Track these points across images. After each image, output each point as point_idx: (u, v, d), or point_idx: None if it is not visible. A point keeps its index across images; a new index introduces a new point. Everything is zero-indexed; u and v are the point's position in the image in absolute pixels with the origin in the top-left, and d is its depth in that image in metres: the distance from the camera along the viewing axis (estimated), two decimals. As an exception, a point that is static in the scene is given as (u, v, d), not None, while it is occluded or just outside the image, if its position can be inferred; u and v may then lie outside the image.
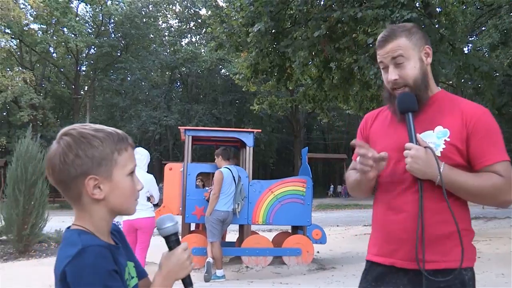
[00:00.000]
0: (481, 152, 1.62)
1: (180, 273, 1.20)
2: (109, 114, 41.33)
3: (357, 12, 8.67)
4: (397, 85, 1.72)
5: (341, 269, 7.04)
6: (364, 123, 1.95)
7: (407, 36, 1.73)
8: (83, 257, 1.03)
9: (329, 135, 49.53)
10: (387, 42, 1.73)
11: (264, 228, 11.75)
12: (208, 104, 38.41)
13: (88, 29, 33.83)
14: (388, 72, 1.74)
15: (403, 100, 1.69)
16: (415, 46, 1.73)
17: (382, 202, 1.77)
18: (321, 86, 12.36)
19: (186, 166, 7.11)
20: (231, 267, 6.98)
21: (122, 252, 1.19)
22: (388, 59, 1.72)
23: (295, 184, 7.28)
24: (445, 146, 1.64)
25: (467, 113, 1.66)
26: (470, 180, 1.59)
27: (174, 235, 1.22)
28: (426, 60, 1.75)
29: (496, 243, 8.73)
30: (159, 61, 37.65)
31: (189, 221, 7.12)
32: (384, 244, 1.73)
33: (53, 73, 38.61)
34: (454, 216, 1.58)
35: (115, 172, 1.14)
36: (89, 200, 1.13)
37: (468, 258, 1.64)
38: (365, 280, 1.80)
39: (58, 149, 1.11)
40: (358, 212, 22.33)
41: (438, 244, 1.62)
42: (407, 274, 1.66)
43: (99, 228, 1.15)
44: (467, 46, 19.12)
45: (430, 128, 1.68)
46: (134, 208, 1.21)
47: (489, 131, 1.64)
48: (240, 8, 10.92)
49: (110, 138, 1.14)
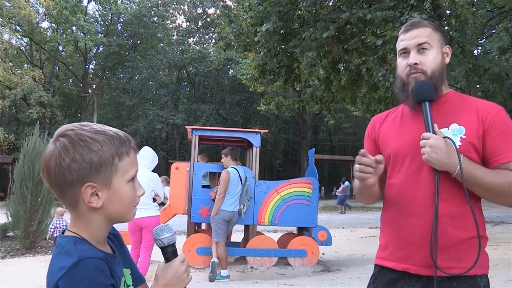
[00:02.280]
0: (497, 150, 1.59)
1: (178, 285, 1.15)
2: (116, 113, 41.49)
3: (366, 13, 8.64)
4: (416, 69, 1.68)
5: (346, 272, 7.00)
6: (372, 126, 1.91)
7: (434, 29, 1.73)
8: (79, 270, 0.97)
9: (336, 137, 49.40)
10: (415, 27, 1.72)
11: (270, 229, 11.72)
12: (215, 104, 38.42)
13: (97, 28, 33.94)
14: (407, 57, 1.71)
15: (421, 88, 1.65)
16: (439, 40, 1.73)
17: (395, 204, 1.71)
18: (329, 87, 12.32)
19: (192, 165, 7.11)
20: (236, 267, 6.97)
21: (119, 261, 1.14)
22: (413, 44, 1.70)
23: (301, 185, 7.25)
24: (461, 143, 1.60)
25: (482, 111, 1.63)
26: (488, 176, 1.55)
27: (171, 246, 1.18)
28: (446, 57, 1.75)
29: (504, 248, 8.64)
30: (167, 60, 37.71)
31: (194, 220, 7.12)
32: (397, 249, 1.68)
33: (61, 71, 38.80)
34: (476, 222, 1.54)
35: (115, 179, 1.06)
36: (85, 207, 1.06)
37: (484, 265, 1.61)
38: (374, 285, 1.75)
39: (54, 151, 1.04)
40: (364, 214, 22.22)
41: (455, 250, 1.57)
42: (420, 280, 1.61)
43: (96, 237, 1.09)
44: (477, 49, 18.97)
45: (445, 126, 1.64)
46: (133, 215, 1.15)
47: (506, 129, 1.61)
48: (249, 8, 10.91)
49: (110, 142, 1.06)
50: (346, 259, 8.27)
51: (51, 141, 1.07)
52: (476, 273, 1.57)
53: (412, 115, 1.72)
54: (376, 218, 17.95)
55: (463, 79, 11.48)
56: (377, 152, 1.81)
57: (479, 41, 18.04)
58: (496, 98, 9.58)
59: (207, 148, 23.29)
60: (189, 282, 1.17)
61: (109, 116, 41.90)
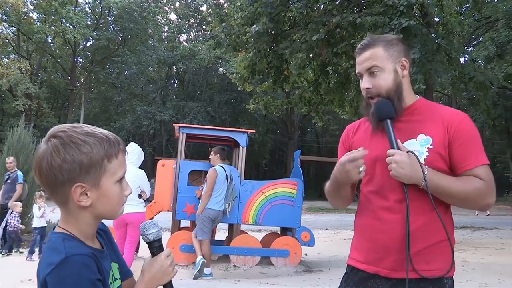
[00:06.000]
0: (463, 157, 1.65)
1: (163, 279, 1.21)
2: (104, 107, 41.16)
3: (356, 18, 8.76)
4: (370, 93, 1.75)
5: (328, 273, 7.08)
6: (346, 135, 1.99)
7: (384, 46, 1.76)
8: (66, 266, 1.02)
9: (323, 139, 49.65)
10: (365, 49, 1.77)
11: (253, 228, 11.78)
12: (203, 102, 38.34)
13: (87, 21, 33.61)
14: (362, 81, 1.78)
15: (380, 107, 1.72)
16: (391, 57, 1.75)
17: (367, 211, 1.79)
18: (317, 90, 12.43)
19: (179, 163, 7.14)
20: (219, 266, 7.01)
21: (106, 255, 1.19)
22: (363, 68, 1.77)
23: (286, 186, 7.33)
24: (429, 153, 1.67)
25: (448, 120, 1.69)
26: (453, 184, 1.63)
27: (157, 241, 1.23)
28: (402, 72, 1.77)
29: (482, 253, 8.80)
30: (156, 56, 37.54)
31: (179, 218, 7.14)
32: (369, 252, 1.75)
33: (49, 63, 38.37)
34: (445, 227, 1.62)
35: (104, 180, 1.11)
36: (75, 206, 1.10)
37: (450, 268, 1.69)
38: (346, 284, 1.83)
39: (47, 151, 1.08)
40: (348, 216, 22.37)
41: (424, 253, 1.65)
42: (389, 281, 1.69)
43: (85, 233, 1.14)
44: (464, 57, 19.26)
45: (412, 137, 1.71)
46: (120, 213, 1.20)
47: (470, 137, 1.67)
48: (240, 8, 10.96)
49: (100, 144, 1.10)
50: (328, 260, 8.36)
51: (43, 141, 1.11)
52: (442, 276, 1.65)
53: (376, 129, 1.79)
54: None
55: (449, 86, 11.66)
56: None
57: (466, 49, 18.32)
58: (479, 106, 9.76)
59: (194, 146, 23.26)
60: (174, 275, 1.22)
61: (96, 110, 41.54)
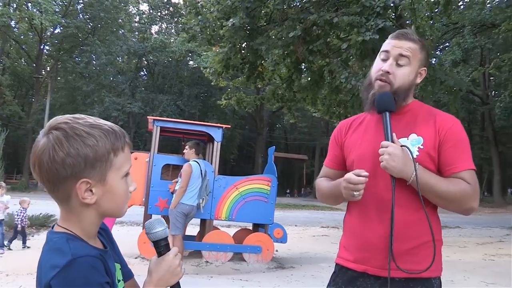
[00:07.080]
0: (451, 160, 1.68)
1: (171, 280, 1.14)
2: (71, 97, 40.18)
3: (333, 17, 8.82)
4: (385, 77, 1.74)
5: (300, 269, 7.13)
6: (338, 131, 1.97)
7: (421, 48, 1.78)
8: (73, 269, 0.94)
9: (291, 135, 50.07)
10: (405, 38, 1.76)
11: (223, 224, 11.74)
12: (173, 95, 37.94)
13: (55, 7, 32.58)
14: (385, 62, 1.76)
15: (383, 99, 1.72)
16: (420, 60, 1.78)
17: (357, 209, 1.79)
18: (290, 87, 12.47)
19: (152, 156, 7.01)
20: (191, 261, 6.95)
21: (110, 256, 1.12)
22: (395, 52, 1.75)
23: (260, 182, 7.32)
24: (419, 153, 1.68)
25: (440, 123, 1.72)
26: (441, 183, 1.64)
27: (164, 240, 1.16)
28: (418, 78, 1.80)
29: (446, 251, 8.96)
30: (126, 47, 36.86)
31: (151, 212, 7.02)
32: (358, 251, 1.75)
33: (13, 49, 37.03)
34: (431, 227, 1.63)
35: (110, 175, 1.04)
36: (78, 203, 1.02)
37: (438, 268, 1.71)
38: (335, 283, 1.82)
39: (48, 144, 0.99)
40: (315, 213, 22.70)
41: (412, 253, 1.66)
42: (378, 279, 1.69)
43: (88, 232, 1.06)
44: (433, 60, 19.77)
45: (404, 136, 1.72)
46: (125, 211, 1.12)
47: (459, 141, 1.70)
48: (217, 1, 10.85)
49: (106, 137, 1.03)
50: (299, 256, 8.42)
51: (42, 133, 1.02)
52: (430, 276, 1.67)
53: (375, 125, 1.79)
54: (327, 218, 18.35)
55: (419, 88, 11.92)
56: (342, 157, 1.91)
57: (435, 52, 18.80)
58: (450, 110, 10.03)
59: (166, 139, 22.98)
60: (182, 276, 1.16)
61: (63, 100, 40.49)
